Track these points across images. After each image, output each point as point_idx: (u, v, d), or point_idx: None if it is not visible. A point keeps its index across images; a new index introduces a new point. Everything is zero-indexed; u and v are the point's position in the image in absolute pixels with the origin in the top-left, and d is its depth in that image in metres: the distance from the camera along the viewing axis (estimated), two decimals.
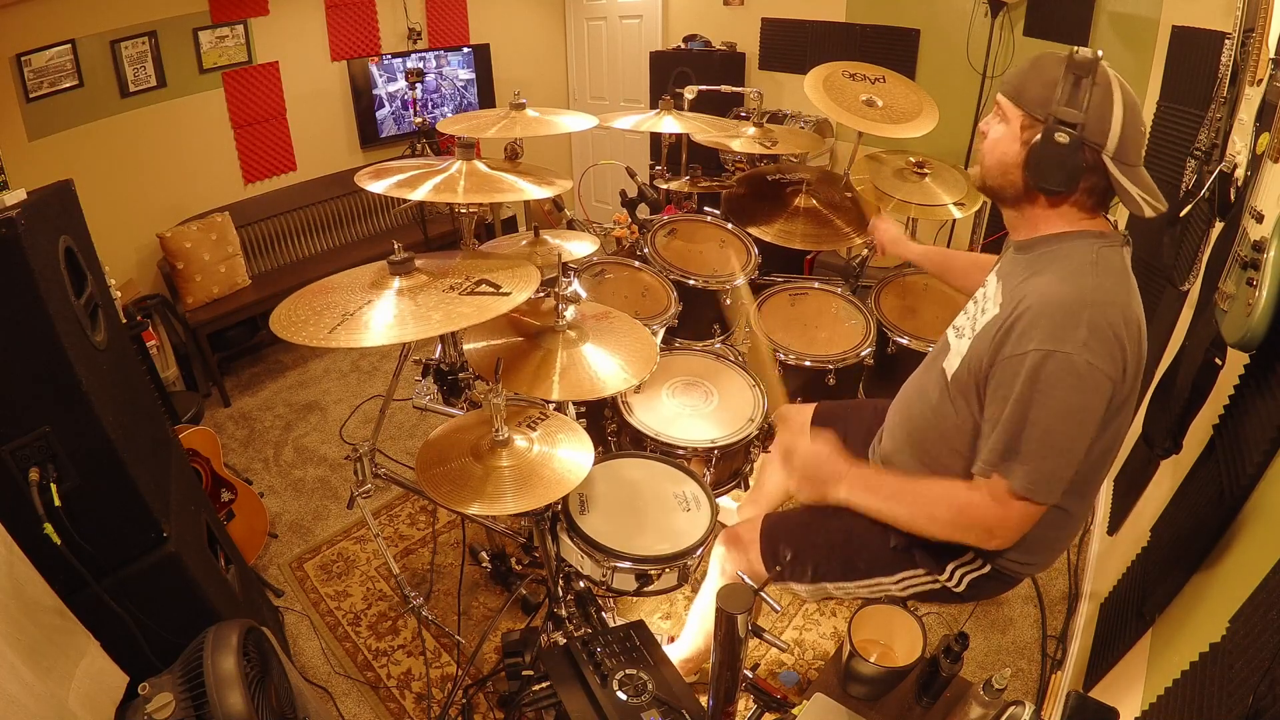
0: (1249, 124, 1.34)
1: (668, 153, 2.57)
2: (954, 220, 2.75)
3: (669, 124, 2.18)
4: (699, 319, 2.17)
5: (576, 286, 1.77)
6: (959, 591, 1.27)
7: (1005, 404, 1.03)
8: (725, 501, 2.12)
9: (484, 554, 2.08)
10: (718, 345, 2.20)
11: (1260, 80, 1.33)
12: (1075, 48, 1.05)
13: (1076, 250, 1.07)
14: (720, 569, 1.50)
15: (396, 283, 1.26)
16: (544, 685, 1.24)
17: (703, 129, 2.23)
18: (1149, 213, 1.05)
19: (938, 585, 1.28)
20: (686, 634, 1.69)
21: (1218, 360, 1.28)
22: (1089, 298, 1.00)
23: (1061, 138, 1.03)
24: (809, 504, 1.34)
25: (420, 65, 3.91)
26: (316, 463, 2.81)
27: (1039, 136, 1.05)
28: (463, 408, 1.79)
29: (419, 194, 1.44)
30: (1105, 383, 0.98)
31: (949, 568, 1.25)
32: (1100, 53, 1.04)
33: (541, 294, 1.55)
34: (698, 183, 2.36)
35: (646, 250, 2.20)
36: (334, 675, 1.93)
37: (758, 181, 2.38)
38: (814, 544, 1.37)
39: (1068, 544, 1.28)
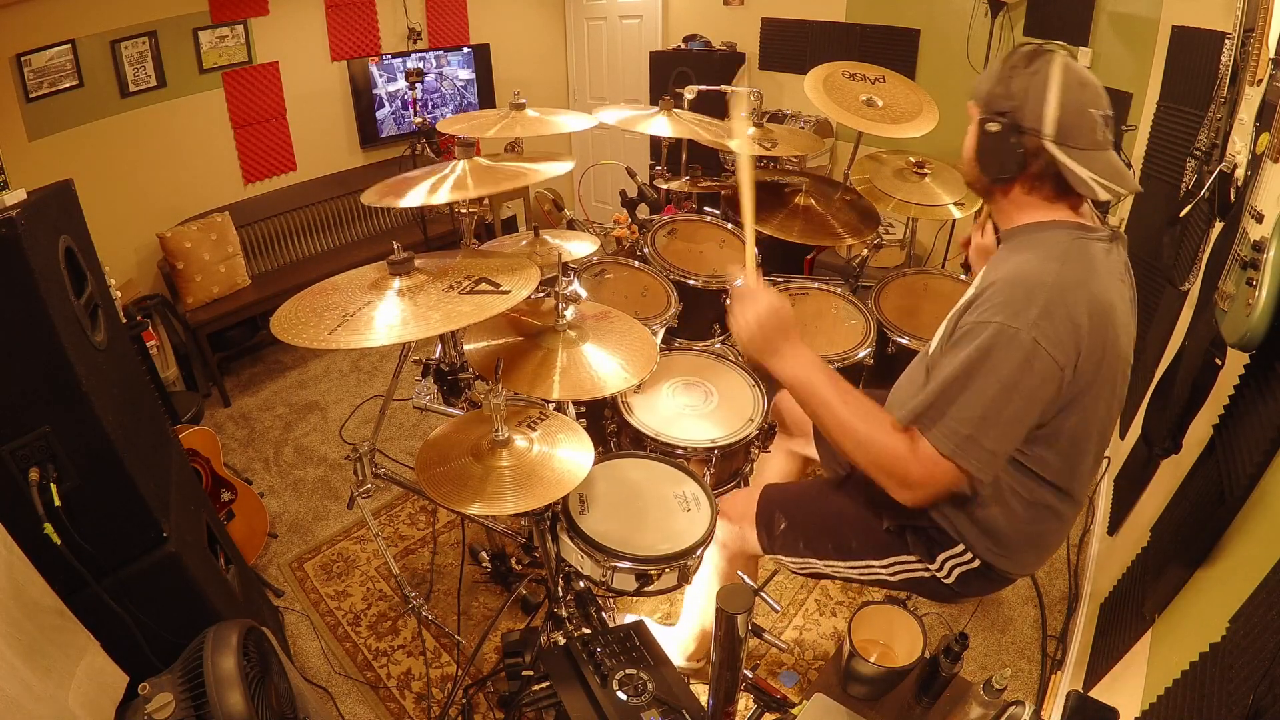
0: (1249, 124, 1.34)
1: (668, 153, 2.57)
2: (954, 220, 2.75)
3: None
4: (699, 319, 2.17)
5: (576, 286, 1.77)
6: (948, 584, 1.27)
7: (949, 365, 1.04)
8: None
9: (484, 554, 2.08)
10: (718, 345, 2.20)
11: (1260, 80, 1.33)
12: (1025, 41, 1.06)
13: (1050, 239, 1.08)
14: (715, 538, 1.52)
15: (396, 283, 1.26)
16: (544, 685, 1.24)
17: (698, 131, 2.23)
18: (1104, 196, 1.05)
19: (927, 574, 1.28)
20: (685, 617, 1.70)
21: (1218, 360, 1.28)
22: (1049, 280, 1.01)
23: (992, 126, 1.08)
24: (807, 479, 1.33)
25: (420, 65, 3.91)
26: (316, 463, 2.81)
27: (979, 128, 1.10)
28: (463, 408, 1.79)
29: (439, 198, 1.44)
30: (1051, 366, 0.99)
31: (939, 558, 1.26)
32: (1053, 45, 1.06)
33: (541, 294, 1.55)
34: (698, 183, 2.36)
35: (646, 250, 2.20)
36: (334, 675, 1.93)
37: (757, 181, 2.38)
38: (809, 517, 1.38)
39: (1057, 544, 1.27)
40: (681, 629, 1.75)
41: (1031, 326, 0.97)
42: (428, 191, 1.45)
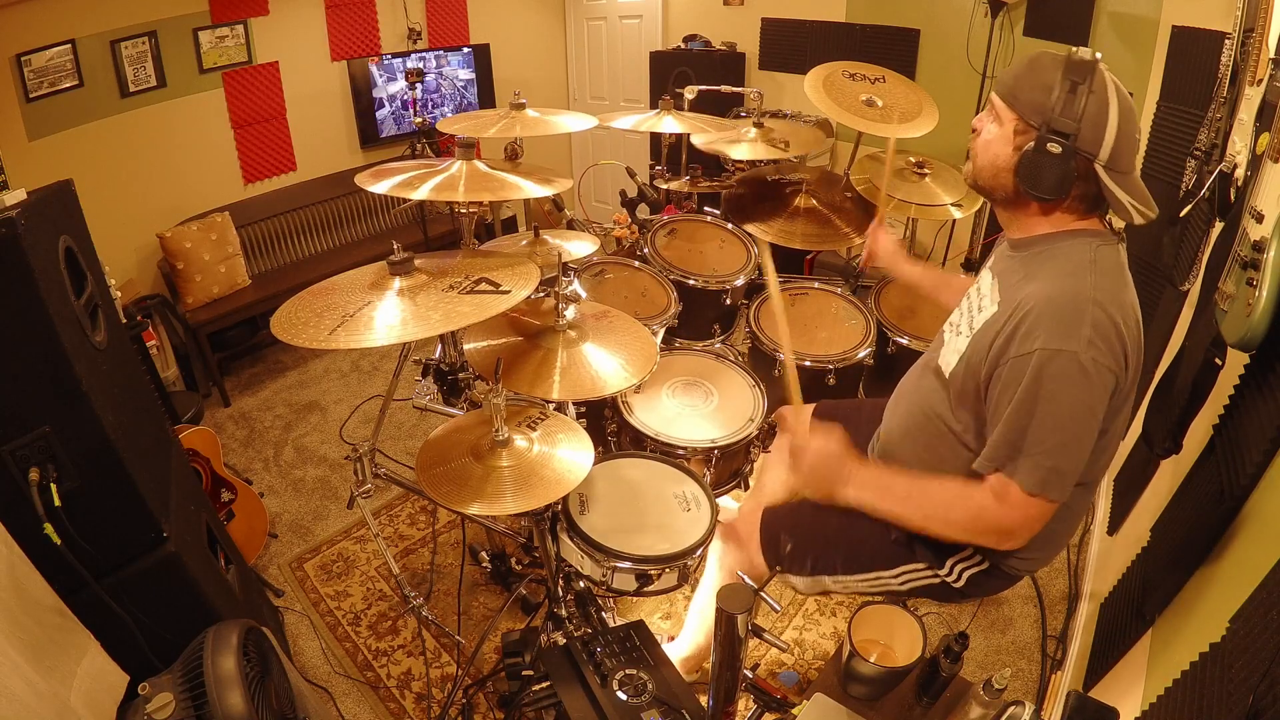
0: (1249, 124, 1.34)
1: (668, 153, 2.57)
2: (954, 220, 2.75)
3: (669, 124, 2.18)
4: (699, 319, 2.17)
5: (576, 286, 1.77)
6: (958, 587, 1.27)
7: (1010, 403, 1.03)
8: (725, 501, 2.12)
9: (484, 554, 2.08)
10: (718, 345, 2.20)
11: (1260, 80, 1.33)
12: (1073, 49, 1.05)
13: (1074, 250, 1.07)
14: (719, 564, 1.50)
15: (396, 283, 1.26)
16: (544, 685, 1.24)
17: (701, 128, 2.23)
18: (1139, 220, 1.05)
19: (937, 580, 1.28)
20: (686, 632, 1.69)
21: (1218, 360, 1.28)
22: (1090, 295, 1.00)
23: (1054, 148, 1.03)
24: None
25: (420, 65, 3.91)
26: (316, 463, 2.81)
27: (1031, 144, 1.05)
28: (463, 408, 1.79)
29: (420, 194, 1.44)
30: (1110, 377, 0.99)
31: (949, 563, 1.26)
32: (1099, 55, 1.04)
33: (541, 294, 1.55)
34: (698, 183, 2.36)
35: (646, 250, 2.21)
36: (334, 675, 1.93)
37: (758, 181, 2.38)
38: (815, 536, 1.38)
39: (1068, 539, 1.28)
40: (676, 645, 1.73)
41: (1087, 345, 0.97)
42: (428, 188, 1.45)
